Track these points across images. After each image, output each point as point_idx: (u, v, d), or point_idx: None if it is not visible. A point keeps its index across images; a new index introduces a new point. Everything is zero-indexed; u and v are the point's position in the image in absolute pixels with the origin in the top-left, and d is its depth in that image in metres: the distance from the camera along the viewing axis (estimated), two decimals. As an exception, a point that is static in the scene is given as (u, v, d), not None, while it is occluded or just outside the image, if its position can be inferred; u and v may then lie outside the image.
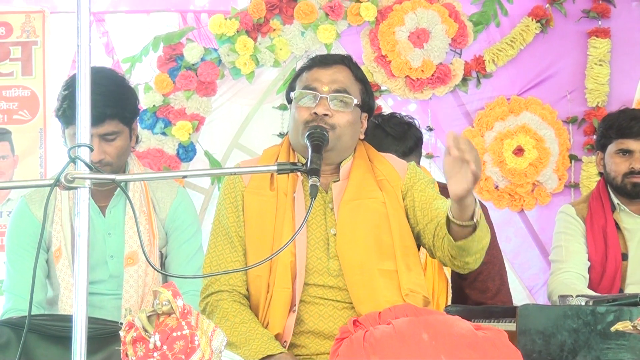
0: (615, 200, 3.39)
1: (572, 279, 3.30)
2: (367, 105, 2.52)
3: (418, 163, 3.22)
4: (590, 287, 3.34)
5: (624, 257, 3.35)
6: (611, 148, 3.41)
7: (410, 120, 3.26)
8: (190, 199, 3.01)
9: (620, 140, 3.39)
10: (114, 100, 2.73)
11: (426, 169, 3.30)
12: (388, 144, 3.14)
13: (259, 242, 2.41)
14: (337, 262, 2.38)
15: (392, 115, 3.28)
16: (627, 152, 3.39)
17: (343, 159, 2.48)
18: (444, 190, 3.27)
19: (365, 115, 2.53)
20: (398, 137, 3.17)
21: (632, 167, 3.35)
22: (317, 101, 2.42)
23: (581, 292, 3.10)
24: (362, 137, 2.54)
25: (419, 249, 2.50)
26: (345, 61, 2.51)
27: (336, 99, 2.43)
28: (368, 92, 2.53)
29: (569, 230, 3.42)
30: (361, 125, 2.52)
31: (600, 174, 3.53)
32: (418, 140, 3.23)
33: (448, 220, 2.26)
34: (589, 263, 3.37)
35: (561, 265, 3.36)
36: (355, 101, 2.45)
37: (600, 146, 3.48)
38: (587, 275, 3.36)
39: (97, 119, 2.66)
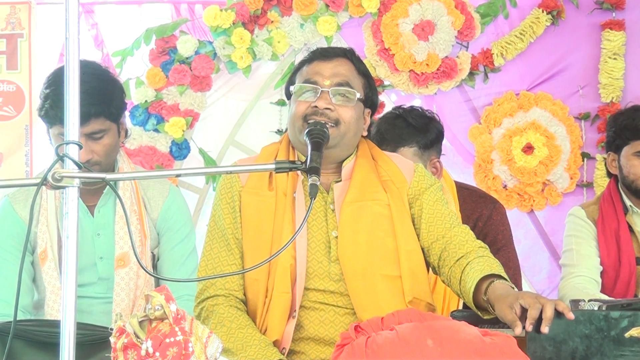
0: (628, 202, 3.38)
1: (584, 284, 3.30)
2: (370, 100, 2.52)
3: (438, 157, 3.21)
4: (603, 292, 3.33)
5: (638, 261, 3.35)
6: (628, 150, 3.36)
7: (431, 114, 3.26)
8: (183, 198, 3.01)
9: (638, 141, 3.35)
10: (98, 97, 2.71)
11: (445, 170, 3.29)
12: (409, 134, 3.13)
13: (256, 244, 2.41)
14: (338, 266, 2.38)
15: (413, 108, 3.29)
16: None
17: (345, 157, 2.48)
18: (460, 189, 3.30)
19: (368, 111, 2.53)
20: (420, 128, 3.15)
21: None
22: (318, 95, 2.41)
23: (594, 297, 3.10)
24: (365, 134, 2.54)
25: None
26: (348, 54, 2.51)
27: (338, 93, 2.42)
28: (371, 86, 2.53)
29: (580, 233, 3.41)
30: (364, 122, 2.52)
31: (609, 174, 3.50)
32: (440, 134, 3.22)
33: (477, 287, 2.27)
34: (601, 268, 3.36)
35: (573, 269, 3.36)
36: (358, 95, 2.44)
37: (614, 147, 3.43)
38: (600, 280, 3.35)
39: (82, 118, 2.64)
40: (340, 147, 2.43)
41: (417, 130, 3.15)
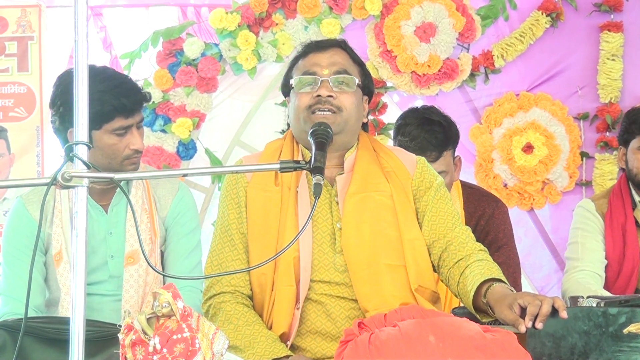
0: (637, 198, 3.39)
1: (587, 278, 3.30)
2: (367, 87, 2.54)
3: (453, 155, 3.27)
4: (606, 285, 3.34)
5: None
6: (634, 143, 3.41)
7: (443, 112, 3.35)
8: (192, 195, 3.02)
9: None
10: (137, 88, 2.81)
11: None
12: (449, 137, 3.22)
13: (263, 239, 2.41)
14: (343, 258, 2.38)
15: (434, 107, 3.37)
16: None
17: (349, 144, 2.48)
18: (464, 188, 3.31)
19: (365, 98, 2.55)
20: (449, 127, 3.24)
21: None
22: (319, 85, 2.42)
23: (595, 293, 3.10)
24: (366, 120, 2.55)
25: None
26: (341, 44, 2.54)
27: (338, 81, 2.44)
28: (366, 74, 2.55)
29: (587, 226, 3.42)
30: (363, 109, 2.53)
31: (622, 169, 3.53)
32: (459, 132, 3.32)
33: (477, 290, 2.27)
34: (605, 262, 3.36)
35: (577, 263, 3.36)
36: (356, 81, 2.46)
37: (623, 141, 3.48)
38: (603, 274, 3.35)
39: (133, 109, 2.73)
40: (344, 133, 2.44)
41: (449, 131, 3.24)
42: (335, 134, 2.38)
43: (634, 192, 3.40)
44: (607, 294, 3.22)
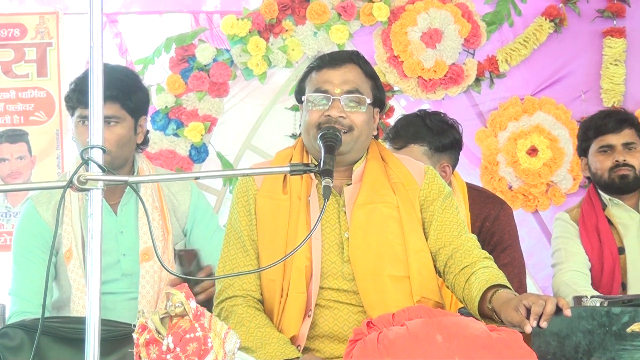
0: (607, 197, 3.42)
1: (574, 278, 3.32)
2: (378, 100, 2.49)
3: (454, 166, 3.20)
4: (593, 284, 3.36)
5: (621, 250, 3.38)
6: (592, 148, 3.46)
7: (453, 122, 3.23)
8: (202, 193, 3.04)
9: (599, 138, 3.44)
10: (117, 84, 2.71)
11: (456, 171, 3.27)
12: (422, 134, 3.13)
13: (272, 246, 2.40)
14: (350, 266, 2.36)
15: (437, 112, 3.28)
16: (608, 148, 3.42)
17: (357, 159, 2.46)
18: (470, 190, 3.29)
19: (376, 110, 2.49)
20: (436, 130, 3.14)
21: (616, 161, 3.40)
22: (330, 103, 2.39)
23: (584, 287, 3.13)
24: (376, 132, 2.51)
25: None
26: (354, 58, 2.46)
27: (349, 100, 2.40)
28: (378, 87, 2.49)
29: (566, 234, 3.45)
30: (374, 121, 2.50)
31: (588, 179, 3.55)
32: (455, 142, 3.19)
33: (483, 294, 2.24)
34: (589, 264, 3.38)
35: (562, 266, 3.39)
36: (368, 101, 2.42)
37: (582, 151, 3.51)
38: (589, 273, 3.37)
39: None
40: (354, 151, 2.41)
41: (431, 132, 3.14)
42: (344, 152, 2.36)
43: (602, 194, 3.43)
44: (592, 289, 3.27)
